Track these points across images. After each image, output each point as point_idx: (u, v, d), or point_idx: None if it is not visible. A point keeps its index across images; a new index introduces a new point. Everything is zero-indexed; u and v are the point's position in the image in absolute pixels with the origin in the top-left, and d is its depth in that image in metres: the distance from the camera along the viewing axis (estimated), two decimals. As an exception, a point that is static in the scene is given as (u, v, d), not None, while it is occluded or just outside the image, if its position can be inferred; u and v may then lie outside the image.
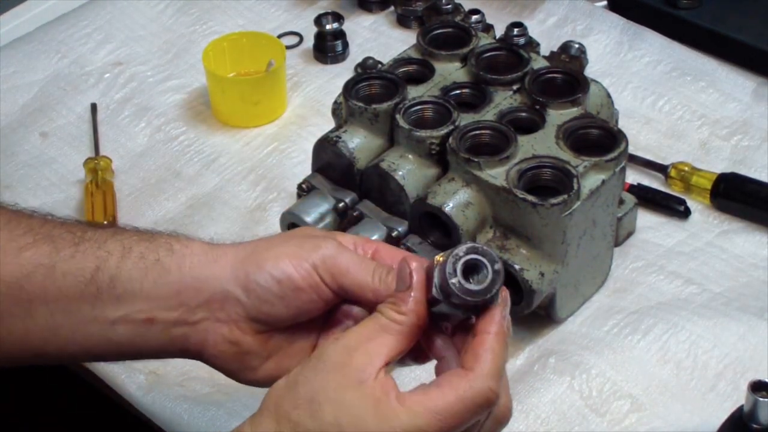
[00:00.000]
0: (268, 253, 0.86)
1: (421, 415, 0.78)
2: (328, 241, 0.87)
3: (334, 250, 0.86)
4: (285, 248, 0.86)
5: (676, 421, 1.05)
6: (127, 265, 0.87)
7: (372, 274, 0.85)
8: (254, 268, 0.86)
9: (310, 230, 0.94)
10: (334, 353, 0.80)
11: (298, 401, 0.79)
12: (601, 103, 1.16)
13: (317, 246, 0.86)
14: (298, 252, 0.86)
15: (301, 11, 1.52)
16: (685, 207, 1.23)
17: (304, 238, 0.88)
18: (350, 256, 0.86)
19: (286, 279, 0.85)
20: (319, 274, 0.85)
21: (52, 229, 0.88)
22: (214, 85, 1.37)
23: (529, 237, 1.05)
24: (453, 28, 1.22)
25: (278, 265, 0.86)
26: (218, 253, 0.88)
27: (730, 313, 1.12)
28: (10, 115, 1.40)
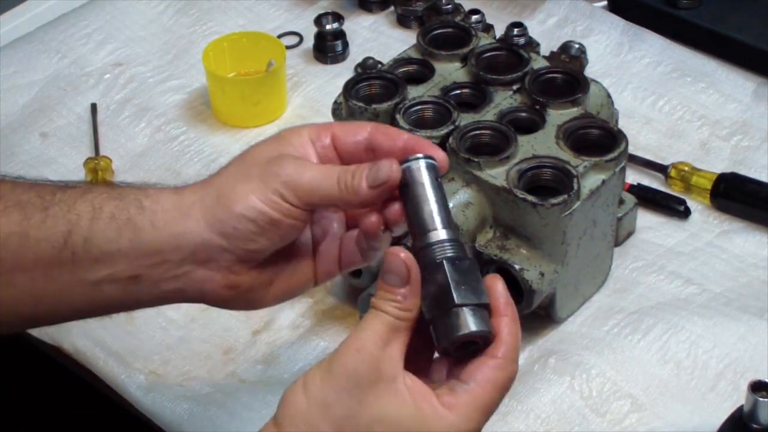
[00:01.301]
0: (234, 194, 0.85)
1: (473, 416, 0.80)
2: (286, 163, 0.85)
3: (294, 170, 0.85)
4: (248, 184, 0.85)
5: (676, 421, 1.05)
6: (100, 226, 0.86)
7: (337, 183, 0.84)
8: (226, 213, 0.85)
9: (264, 148, 0.88)
10: (364, 369, 0.78)
11: (340, 424, 0.78)
12: (601, 103, 1.16)
13: (277, 173, 0.85)
14: (262, 186, 0.85)
15: (301, 11, 1.52)
16: (685, 207, 1.23)
17: (262, 165, 0.86)
18: (312, 173, 0.85)
19: (260, 216, 0.85)
20: (287, 200, 0.85)
21: (21, 194, 0.87)
22: (214, 85, 1.37)
23: (529, 237, 1.05)
24: (453, 28, 1.22)
25: (248, 205, 0.85)
26: (187, 204, 0.87)
27: (730, 313, 1.12)
28: (10, 115, 1.40)
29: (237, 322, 1.16)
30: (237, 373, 1.12)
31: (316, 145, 0.88)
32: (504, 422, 1.04)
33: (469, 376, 0.80)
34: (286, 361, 1.13)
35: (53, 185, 0.89)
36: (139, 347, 1.14)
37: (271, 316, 1.16)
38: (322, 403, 0.78)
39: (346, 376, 0.78)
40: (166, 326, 1.16)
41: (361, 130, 0.88)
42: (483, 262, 1.07)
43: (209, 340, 1.15)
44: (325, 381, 0.79)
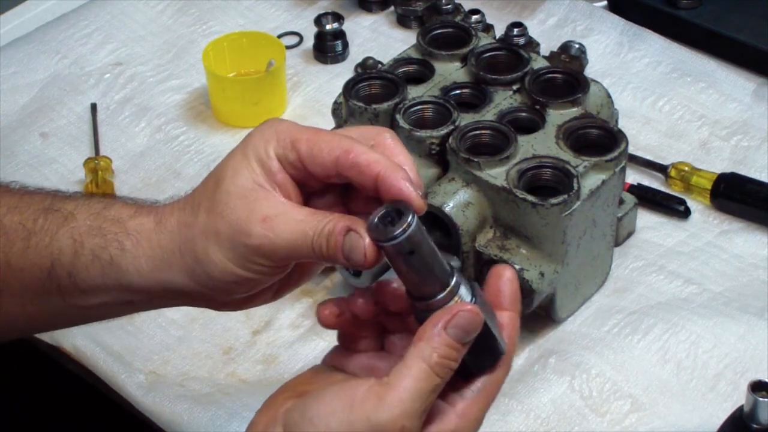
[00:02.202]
0: (210, 257, 0.82)
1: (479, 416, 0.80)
2: (254, 223, 0.80)
3: (264, 234, 0.80)
4: (221, 248, 0.81)
5: (676, 421, 1.05)
6: (83, 263, 0.85)
7: (312, 247, 0.80)
8: (205, 274, 0.83)
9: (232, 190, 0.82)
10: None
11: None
12: (601, 103, 1.16)
13: (248, 235, 0.80)
14: (235, 252, 0.81)
15: (301, 11, 1.52)
16: (685, 207, 1.23)
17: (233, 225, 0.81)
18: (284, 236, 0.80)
19: (238, 278, 0.82)
20: (261, 264, 0.82)
21: (5, 216, 0.86)
22: (214, 85, 1.37)
23: (529, 237, 1.05)
24: (453, 28, 1.22)
25: (226, 271, 0.82)
26: (167, 253, 0.84)
27: (730, 313, 1.12)
28: (10, 115, 1.40)
29: (237, 322, 1.16)
30: (237, 373, 1.12)
31: (285, 164, 0.82)
32: (504, 422, 1.04)
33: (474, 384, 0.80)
34: (286, 361, 1.13)
35: (36, 204, 0.87)
36: (139, 347, 1.14)
37: (271, 316, 1.16)
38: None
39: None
40: (166, 326, 1.16)
41: (330, 154, 0.80)
42: (483, 262, 1.07)
43: (209, 340, 1.15)
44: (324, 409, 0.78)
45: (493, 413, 1.04)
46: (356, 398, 0.77)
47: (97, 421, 1.25)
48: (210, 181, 0.84)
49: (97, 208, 0.86)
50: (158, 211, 0.85)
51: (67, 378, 1.17)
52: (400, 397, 0.76)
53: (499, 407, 1.05)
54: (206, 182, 0.84)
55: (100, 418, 1.23)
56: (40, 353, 1.17)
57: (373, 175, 0.78)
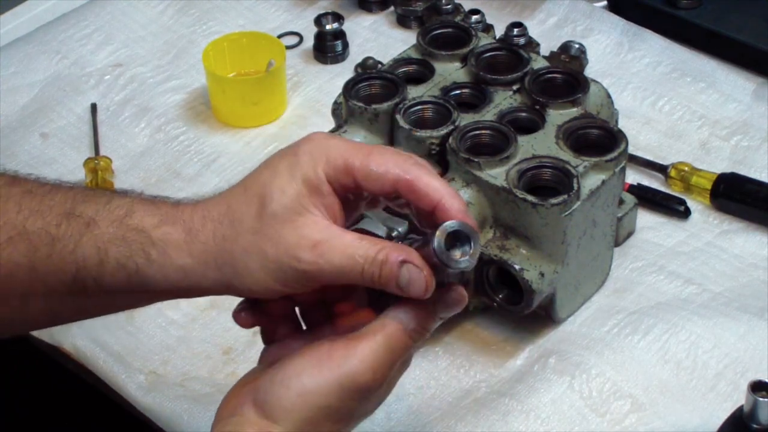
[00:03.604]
0: (247, 266, 0.82)
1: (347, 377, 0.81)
2: (304, 248, 0.81)
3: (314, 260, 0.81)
4: (262, 260, 0.82)
5: (676, 421, 1.05)
6: (108, 271, 0.85)
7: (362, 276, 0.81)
8: (239, 284, 0.83)
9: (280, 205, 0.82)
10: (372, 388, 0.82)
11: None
12: (601, 103, 1.16)
13: (297, 259, 0.81)
14: (277, 268, 0.81)
15: (301, 11, 1.52)
16: (685, 207, 1.23)
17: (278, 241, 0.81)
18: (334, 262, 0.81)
19: (273, 292, 0.83)
20: (304, 286, 0.83)
21: (26, 220, 0.86)
22: (214, 85, 1.37)
23: (529, 237, 1.05)
24: (453, 28, 1.22)
25: (261, 285, 0.82)
26: (199, 263, 0.83)
27: (730, 313, 1.12)
28: (10, 116, 1.40)
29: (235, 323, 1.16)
30: (237, 373, 1.12)
31: (336, 187, 0.83)
32: (504, 422, 1.04)
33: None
34: (286, 361, 1.13)
35: (58, 208, 0.87)
36: (139, 347, 1.14)
37: (271, 316, 1.16)
38: (335, 410, 0.81)
39: (360, 390, 0.82)
40: (166, 326, 1.16)
41: (387, 177, 0.82)
42: (483, 262, 1.07)
43: (209, 340, 1.15)
44: (329, 389, 0.81)
45: (493, 413, 1.05)
46: (323, 353, 0.81)
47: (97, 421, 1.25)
48: (252, 197, 0.83)
49: (119, 215, 0.86)
50: (185, 220, 0.84)
51: (67, 378, 1.17)
52: (371, 346, 0.81)
53: (499, 407, 1.05)
54: (248, 198, 0.83)
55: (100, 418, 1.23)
56: (40, 353, 1.17)
57: (433, 203, 0.81)
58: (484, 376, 1.09)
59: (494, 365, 1.10)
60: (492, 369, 1.10)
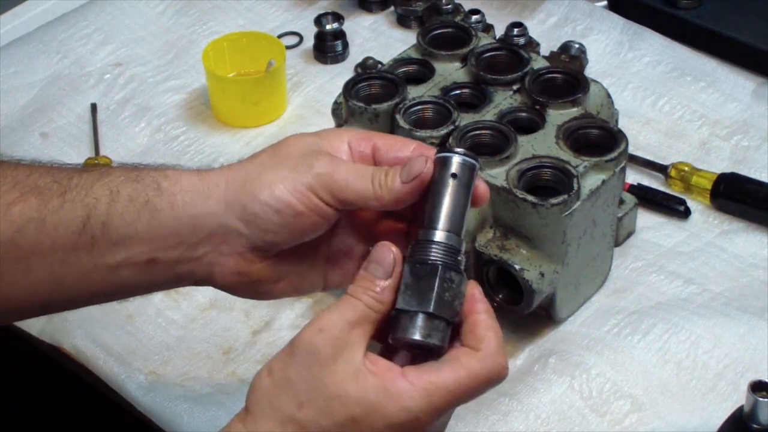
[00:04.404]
0: (261, 181, 0.85)
1: (435, 393, 0.79)
2: (321, 157, 0.85)
3: (329, 165, 0.85)
4: (278, 173, 0.85)
5: (676, 421, 1.05)
6: (117, 210, 0.85)
7: (371, 181, 0.84)
8: (250, 199, 0.85)
9: (300, 141, 0.87)
10: (323, 347, 0.79)
11: (301, 400, 0.78)
12: (601, 103, 1.16)
13: (310, 165, 0.84)
14: (292, 176, 0.84)
15: (301, 11, 1.52)
16: (685, 207, 1.23)
17: (296, 158, 0.85)
18: (346, 169, 0.85)
19: (285, 207, 0.84)
20: (317, 194, 0.84)
21: (38, 178, 0.88)
22: (214, 85, 1.37)
23: (529, 237, 1.05)
24: (453, 28, 1.22)
25: (274, 194, 0.84)
26: (209, 186, 0.86)
27: (730, 313, 1.12)
28: (10, 115, 1.40)
29: (237, 322, 1.16)
30: (237, 373, 1.12)
31: (354, 151, 0.87)
32: (504, 422, 1.04)
33: (442, 360, 0.81)
34: (286, 361, 1.13)
35: (69, 170, 0.89)
36: (139, 347, 1.14)
37: (271, 316, 1.16)
38: (284, 380, 0.79)
39: (306, 352, 0.79)
40: (166, 326, 1.16)
41: (405, 147, 0.87)
42: (483, 262, 1.07)
43: (209, 340, 1.15)
44: (286, 360, 0.80)
45: (493, 413, 1.05)
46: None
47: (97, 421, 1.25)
48: (269, 150, 0.88)
49: (131, 167, 0.89)
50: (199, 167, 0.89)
51: (67, 378, 1.17)
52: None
53: (499, 407, 1.05)
54: (266, 151, 0.88)
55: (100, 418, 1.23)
56: (40, 353, 1.17)
57: None
58: (484, 376, 1.09)
59: (494, 365, 1.10)
60: (492, 369, 1.10)
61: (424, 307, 0.80)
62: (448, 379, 0.79)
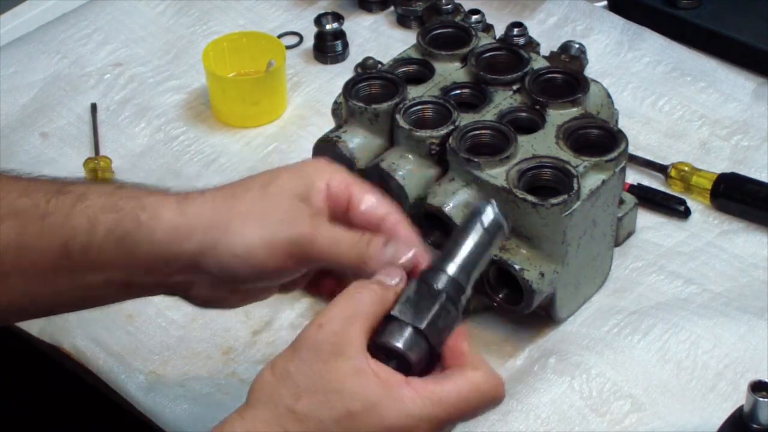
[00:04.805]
0: (242, 234, 0.86)
1: (438, 404, 0.80)
2: (303, 217, 0.86)
3: (310, 228, 0.86)
4: (259, 228, 0.86)
5: (676, 421, 1.05)
6: (96, 241, 0.86)
7: (350, 250, 0.86)
8: (225, 251, 0.86)
9: (288, 184, 0.88)
10: (324, 343, 0.80)
11: (300, 393, 0.79)
12: (601, 103, 1.16)
13: (292, 225, 0.86)
14: (272, 237, 0.85)
15: (301, 11, 1.52)
16: (685, 207, 1.23)
17: (282, 209, 0.86)
18: (326, 235, 0.86)
19: (260, 264, 0.86)
20: (294, 257, 0.86)
21: (16, 200, 0.88)
22: (214, 85, 1.37)
23: (529, 237, 1.05)
24: (453, 28, 1.22)
25: (251, 252, 0.86)
26: (189, 225, 0.87)
27: (730, 313, 1.12)
28: (10, 115, 1.40)
29: (237, 322, 1.16)
30: (237, 373, 1.12)
31: (331, 193, 0.88)
32: (504, 422, 1.04)
33: (445, 373, 0.82)
34: (286, 361, 1.13)
35: (46, 188, 0.89)
36: (139, 347, 1.14)
37: (271, 316, 1.16)
38: (286, 373, 0.80)
39: (308, 349, 0.80)
40: (166, 326, 1.16)
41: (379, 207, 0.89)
42: (483, 262, 1.07)
43: (209, 340, 1.15)
44: (289, 356, 0.81)
45: (493, 413, 1.04)
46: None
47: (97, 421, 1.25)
48: (254, 182, 0.88)
49: (110, 189, 0.89)
50: (179, 192, 0.89)
51: (67, 378, 1.17)
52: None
53: (500, 407, 1.04)
54: (250, 182, 0.89)
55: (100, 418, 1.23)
56: (40, 353, 1.17)
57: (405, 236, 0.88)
58: (484, 376, 1.09)
59: (494, 365, 1.09)
60: (492, 369, 1.10)
61: (417, 323, 0.83)
62: (451, 390, 0.80)
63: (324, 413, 0.79)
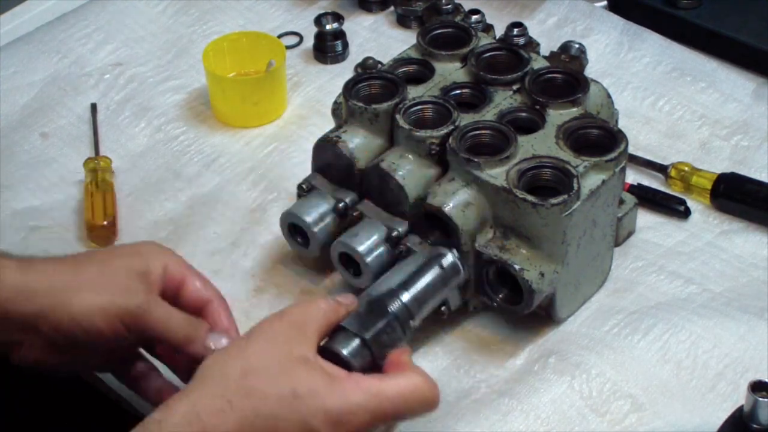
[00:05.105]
0: (80, 301, 0.92)
1: (376, 396, 0.86)
2: (139, 293, 0.93)
3: (145, 304, 0.93)
4: (96, 295, 0.92)
5: (676, 421, 1.05)
6: None
7: (179, 331, 0.93)
8: (65, 313, 0.91)
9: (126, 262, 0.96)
10: (280, 331, 0.88)
11: (250, 370, 0.85)
12: (601, 103, 1.16)
13: (129, 298, 0.92)
14: (109, 303, 0.92)
15: (301, 11, 1.52)
16: (685, 207, 1.23)
17: (119, 283, 0.93)
18: (159, 313, 0.93)
19: (95, 330, 0.92)
20: (127, 327, 0.92)
21: None
22: (214, 85, 1.37)
23: (529, 237, 1.05)
24: (453, 28, 1.22)
25: (88, 318, 0.92)
26: (31, 289, 0.92)
27: (730, 313, 1.12)
28: (10, 115, 1.40)
29: (237, 323, 1.16)
30: (237, 373, 1.12)
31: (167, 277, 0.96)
32: (504, 422, 1.04)
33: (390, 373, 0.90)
34: (286, 361, 1.13)
35: None
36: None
37: (271, 316, 1.16)
38: (239, 352, 0.87)
39: (264, 334, 0.88)
40: (166, 326, 1.16)
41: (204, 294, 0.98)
42: (483, 262, 1.07)
43: (209, 340, 1.15)
44: (245, 337, 0.89)
45: (493, 413, 1.05)
46: None
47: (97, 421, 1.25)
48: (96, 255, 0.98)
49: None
50: (22, 259, 0.95)
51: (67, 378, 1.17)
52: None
53: (500, 407, 1.05)
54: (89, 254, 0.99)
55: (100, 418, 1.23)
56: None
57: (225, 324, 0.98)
58: (484, 376, 1.09)
59: (494, 365, 1.10)
60: (492, 369, 1.10)
61: (362, 333, 0.92)
62: (391, 386, 0.87)
63: (270, 389, 0.84)
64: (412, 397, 0.88)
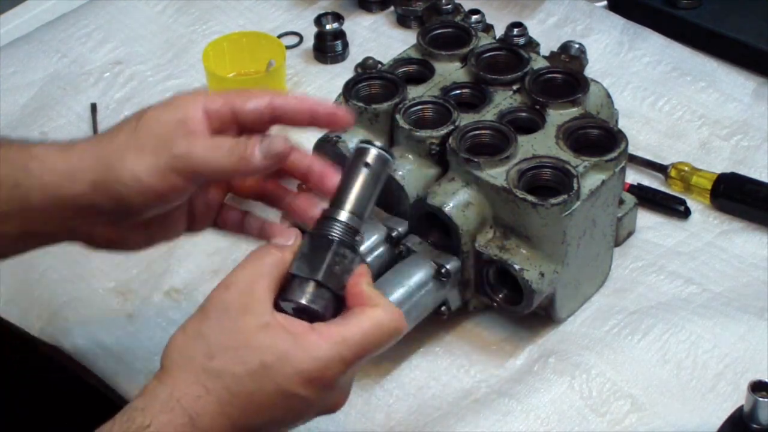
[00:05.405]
0: (124, 165, 0.89)
1: (343, 344, 0.84)
2: (179, 138, 0.89)
3: (187, 145, 0.89)
4: (139, 157, 0.89)
5: (676, 421, 1.05)
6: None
7: (228, 154, 0.89)
8: (114, 182, 0.89)
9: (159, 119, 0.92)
10: (231, 302, 0.85)
11: (213, 351, 0.83)
12: (601, 103, 1.16)
13: (169, 147, 0.89)
14: (153, 159, 0.89)
15: (301, 11, 1.52)
16: (685, 207, 1.23)
17: (156, 139, 0.90)
18: (203, 147, 0.89)
19: (147, 189, 0.89)
20: (177, 175, 0.89)
21: None
22: (214, 85, 1.37)
23: (529, 237, 1.05)
24: (453, 28, 1.22)
25: (137, 177, 0.89)
26: (75, 168, 0.90)
27: (730, 313, 1.12)
28: (10, 115, 1.40)
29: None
30: (237, 373, 1.12)
31: (211, 116, 0.91)
32: (504, 422, 1.04)
33: (347, 314, 0.87)
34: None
35: None
36: (139, 347, 1.14)
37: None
38: (197, 333, 0.85)
39: (216, 308, 0.85)
40: (166, 326, 1.16)
41: (261, 98, 0.92)
42: (483, 262, 1.07)
43: (209, 340, 1.15)
44: (199, 317, 0.86)
45: (493, 413, 1.05)
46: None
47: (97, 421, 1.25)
48: (127, 121, 0.93)
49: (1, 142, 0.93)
50: (63, 141, 0.93)
51: (67, 378, 1.17)
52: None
53: (500, 407, 1.05)
54: (120, 123, 0.93)
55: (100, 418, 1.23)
56: (40, 353, 1.17)
57: (307, 107, 0.92)
58: (484, 376, 1.09)
59: (494, 365, 1.10)
60: (492, 369, 1.10)
61: (314, 275, 0.87)
62: (355, 330, 0.85)
63: (238, 368, 0.83)
64: (378, 334, 0.86)
